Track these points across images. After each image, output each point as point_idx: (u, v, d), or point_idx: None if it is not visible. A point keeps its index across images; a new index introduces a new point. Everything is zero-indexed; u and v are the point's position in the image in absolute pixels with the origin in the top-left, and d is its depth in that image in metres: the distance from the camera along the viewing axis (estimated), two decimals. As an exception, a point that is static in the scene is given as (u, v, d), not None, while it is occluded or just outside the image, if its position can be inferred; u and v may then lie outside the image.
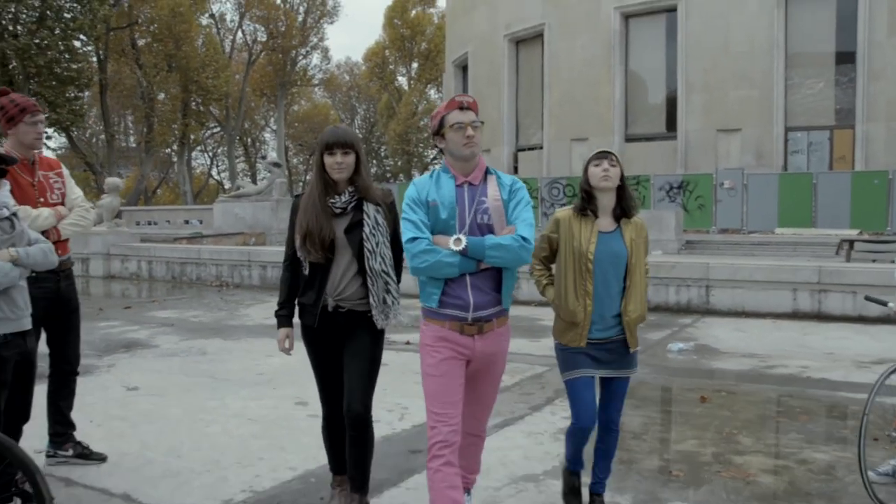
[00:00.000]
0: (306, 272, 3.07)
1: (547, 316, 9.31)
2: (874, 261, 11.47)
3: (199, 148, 51.15)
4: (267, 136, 57.25)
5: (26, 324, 3.08)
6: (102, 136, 40.14)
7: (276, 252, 13.32)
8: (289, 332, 3.15)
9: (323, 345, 3.11)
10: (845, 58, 19.88)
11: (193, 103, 40.09)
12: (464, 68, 28.95)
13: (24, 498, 3.22)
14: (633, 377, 3.20)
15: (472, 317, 2.77)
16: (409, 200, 2.80)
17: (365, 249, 2.98)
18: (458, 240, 2.71)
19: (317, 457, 3.78)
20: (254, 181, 39.56)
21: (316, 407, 3.37)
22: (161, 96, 38.99)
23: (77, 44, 29.12)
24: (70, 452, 3.90)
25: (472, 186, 2.82)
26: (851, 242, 12.57)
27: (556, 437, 4.35)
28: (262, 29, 44.90)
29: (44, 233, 3.48)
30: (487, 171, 2.88)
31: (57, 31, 26.98)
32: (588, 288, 2.99)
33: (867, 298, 3.98)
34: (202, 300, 11.50)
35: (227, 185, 49.56)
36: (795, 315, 8.83)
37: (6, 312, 2.96)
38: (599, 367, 3.06)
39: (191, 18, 38.27)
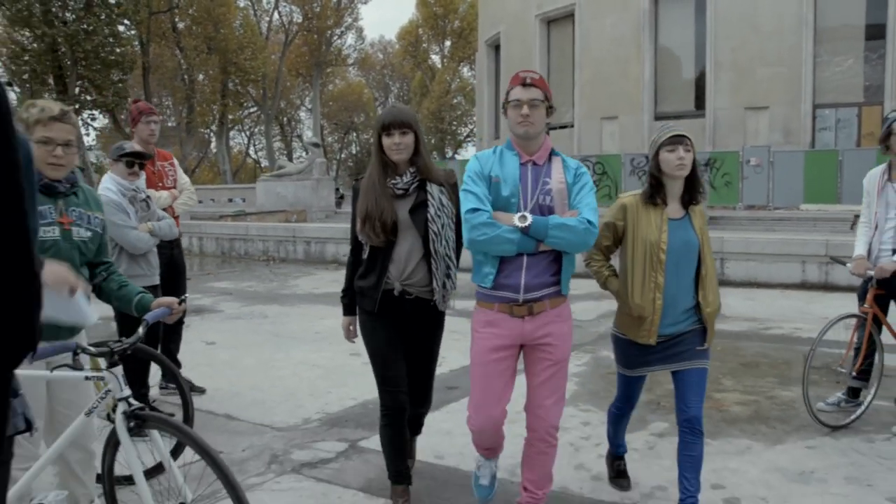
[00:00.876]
0: (365, 256, 2.99)
1: (578, 286, 10.04)
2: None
3: (236, 128, 52.68)
4: (302, 115, 58.56)
5: (156, 280, 4.09)
6: (146, 118, 41.54)
7: (320, 228, 14.31)
8: (352, 321, 3.15)
9: (385, 330, 3.00)
10: (875, 33, 20.00)
11: (232, 84, 41.41)
12: (496, 48, 29.51)
13: (157, 412, 4.20)
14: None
15: (524, 298, 2.66)
16: (471, 173, 2.70)
17: (430, 232, 2.90)
18: (524, 216, 2.58)
19: (373, 391, 4.64)
20: (290, 159, 40.82)
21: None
22: (201, 78, 40.33)
23: (121, 28, 30.40)
24: (177, 385, 4.88)
25: (537, 166, 2.70)
26: (866, 218, 13.03)
27: (568, 379, 5.19)
28: (298, 10, 45.89)
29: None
30: (552, 153, 2.75)
31: (103, 17, 28.24)
32: (659, 280, 2.75)
33: (831, 258, 4.75)
34: (253, 273, 12.50)
35: (264, 164, 51.00)
36: (804, 286, 9.45)
37: (144, 270, 3.95)
38: (667, 363, 2.85)
39: (229, 1, 39.38)
